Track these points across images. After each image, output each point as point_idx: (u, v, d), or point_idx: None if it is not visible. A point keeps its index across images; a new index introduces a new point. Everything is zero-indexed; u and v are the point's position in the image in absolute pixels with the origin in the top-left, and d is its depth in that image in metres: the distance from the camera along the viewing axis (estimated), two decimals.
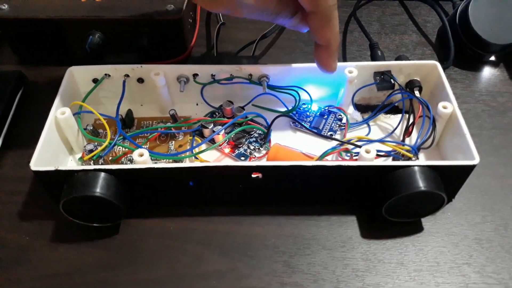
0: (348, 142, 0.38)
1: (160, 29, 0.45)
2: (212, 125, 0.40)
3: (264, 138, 0.41)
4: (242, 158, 0.40)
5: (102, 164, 0.38)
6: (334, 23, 0.34)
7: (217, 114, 0.43)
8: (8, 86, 0.45)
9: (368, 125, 0.43)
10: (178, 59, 0.48)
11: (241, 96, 0.43)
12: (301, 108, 0.44)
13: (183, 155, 0.39)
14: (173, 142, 0.41)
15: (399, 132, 0.42)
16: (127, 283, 0.34)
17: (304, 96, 0.43)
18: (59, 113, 0.38)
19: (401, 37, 0.54)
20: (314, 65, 0.41)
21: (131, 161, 0.39)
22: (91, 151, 0.38)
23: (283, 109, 0.43)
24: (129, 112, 0.42)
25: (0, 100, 0.43)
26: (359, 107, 0.44)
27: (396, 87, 0.42)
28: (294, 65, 0.41)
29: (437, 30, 0.54)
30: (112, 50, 0.45)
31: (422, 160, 0.40)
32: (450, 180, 0.35)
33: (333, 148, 0.38)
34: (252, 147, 0.41)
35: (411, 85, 0.42)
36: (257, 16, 0.34)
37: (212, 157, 0.40)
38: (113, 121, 0.40)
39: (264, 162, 0.37)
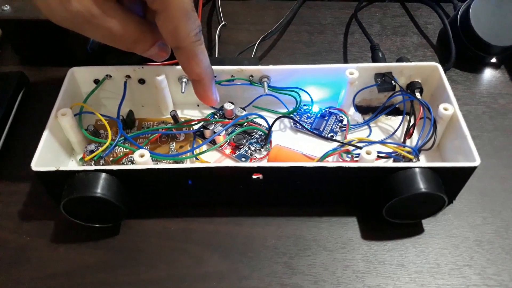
0: (349, 143, 0.38)
1: None
2: (213, 126, 0.40)
3: (265, 139, 0.41)
4: (243, 159, 0.40)
5: (103, 164, 0.38)
6: (200, 58, 0.34)
7: (218, 115, 0.43)
8: (9, 87, 0.45)
9: (369, 127, 0.43)
10: None
11: (242, 97, 0.43)
12: (302, 109, 0.44)
13: (184, 156, 0.39)
14: (174, 143, 0.41)
15: (399, 133, 0.42)
16: (127, 283, 0.34)
17: (305, 97, 0.43)
18: (60, 113, 0.38)
19: (402, 38, 0.54)
20: (315, 66, 0.42)
21: (132, 161, 0.39)
22: (92, 151, 0.38)
23: (284, 110, 0.43)
24: (130, 113, 0.42)
25: (1, 100, 0.43)
26: (360, 109, 0.44)
27: (397, 88, 0.42)
28: (295, 67, 0.41)
29: (438, 32, 0.54)
30: (113, 51, 0.45)
31: (423, 161, 0.40)
32: (451, 182, 0.35)
33: (334, 150, 0.38)
34: (253, 148, 0.41)
35: (412, 87, 0.42)
36: (113, 44, 0.33)
37: (213, 158, 0.40)
38: (114, 122, 0.40)
39: (265, 163, 0.37)
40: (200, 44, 0.33)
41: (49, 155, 0.37)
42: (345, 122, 0.43)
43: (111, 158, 0.39)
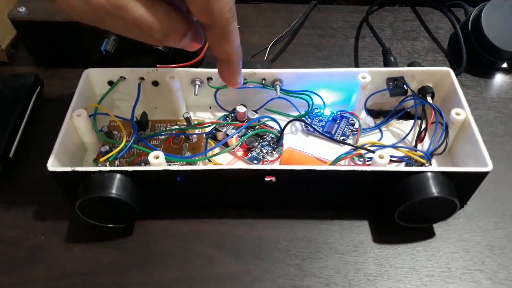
0: (362, 147, 0.39)
1: None
2: (225, 129, 0.41)
3: (277, 142, 0.41)
4: (255, 162, 0.40)
5: (117, 165, 0.38)
6: (233, 36, 0.31)
7: (230, 117, 0.44)
8: (24, 88, 0.45)
9: (381, 131, 0.43)
10: (192, 63, 0.48)
11: (254, 100, 0.43)
12: (313, 113, 0.44)
13: (197, 158, 0.39)
14: (187, 145, 0.41)
15: (411, 138, 0.42)
16: (141, 283, 0.35)
17: (317, 100, 0.43)
18: (76, 114, 0.38)
19: (413, 43, 0.54)
20: (327, 70, 0.42)
21: (146, 163, 0.39)
22: (106, 152, 0.39)
23: (296, 114, 0.43)
24: (144, 115, 0.43)
25: (16, 101, 0.44)
26: (371, 113, 0.44)
27: (409, 93, 0.42)
28: (307, 70, 0.42)
29: (449, 37, 0.54)
30: (127, 53, 0.45)
31: (435, 166, 0.40)
32: (462, 186, 0.35)
33: (347, 153, 0.39)
34: (264, 151, 0.41)
35: (424, 91, 0.42)
36: (141, 38, 0.30)
37: (225, 160, 0.41)
38: (127, 123, 0.41)
39: (277, 166, 0.37)
40: (234, 20, 0.30)
41: (64, 156, 0.37)
42: (356, 125, 0.43)
43: (124, 159, 0.39)
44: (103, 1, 0.26)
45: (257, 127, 0.42)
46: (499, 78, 0.50)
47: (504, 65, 0.51)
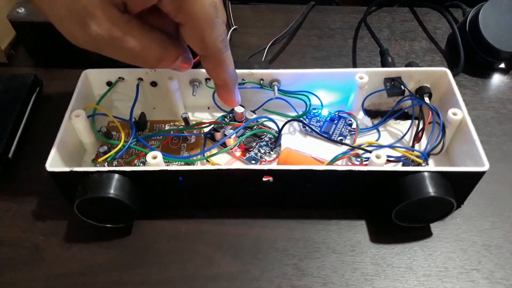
0: (359, 147, 0.39)
1: None
2: (223, 129, 0.41)
3: (275, 142, 0.41)
4: (253, 162, 0.40)
5: (115, 166, 0.38)
6: (227, 64, 0.34)
7: (228, 118, 0.44)
8: (23, 89, 0.45)
9: (378, 131, 0.43)
10: None
11: (252, 101, 0.44)
12: (311, 113, 0.44)
13: (195, 158, 0.39)
14: (185, 145, 0.41)
15: (408, 138, 0.42)
16: (139, 283, 0.35)
17: (314, 101, 0.43)
18: (74, 115, 0.38)
19: (411, 43, 0.54)
20: (325, 70, 0.42)
21: (144, 163, 0.40)
22: (104, 153, 0.39)
23: (294, 114, 0.44)
24: (142, 115, 0.43)
25: (15, 102, 0.44)
26: (369, 113, 0.44)
27: (406, 93, 0.42)
28: (305, 71, 0.42)
29: (447, 37, 0.55)
30: None
31: (432, 166, 0.40)
32: (459, 186, 0.35)
33: (344, 153, 0.39)
34: (262, 151, 0.41)
35: (421, 92, 0.42)
36: (136, 64, 0.33)
37: (223, 161, 0.41)
38: (125, 123, 0.41)
39: (275, 166, 0.37)
40: (226, 50, 0.33)
41: (63, 156, 0.37)
42: (354, 126, 0.43)
43: (123, 160, 0.39)
44: (102, 32, 0.29)
45: (255, 127, 0.42)
46: (496, 79, 0.50)
47: (502, 65, 0.51)
